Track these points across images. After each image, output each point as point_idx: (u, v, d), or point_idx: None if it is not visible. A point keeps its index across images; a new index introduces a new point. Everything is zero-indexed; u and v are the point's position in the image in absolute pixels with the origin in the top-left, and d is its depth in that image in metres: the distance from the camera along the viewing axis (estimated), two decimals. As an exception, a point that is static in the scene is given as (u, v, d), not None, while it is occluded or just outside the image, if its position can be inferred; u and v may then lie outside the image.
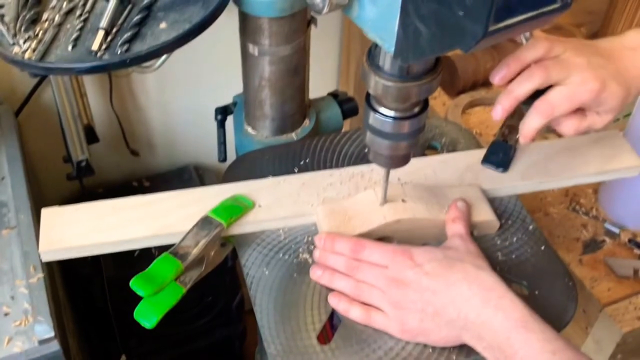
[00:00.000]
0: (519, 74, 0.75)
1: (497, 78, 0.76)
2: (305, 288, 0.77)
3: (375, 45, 0.65)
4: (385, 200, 0.80)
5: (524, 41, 0.78)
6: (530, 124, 0.75)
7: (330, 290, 0.77)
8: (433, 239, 0.81)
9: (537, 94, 0.97)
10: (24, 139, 1.19)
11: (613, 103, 0.75)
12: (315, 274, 0.78)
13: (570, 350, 0.64)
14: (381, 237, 0.80)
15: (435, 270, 0.72)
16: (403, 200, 0.80)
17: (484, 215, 0.82)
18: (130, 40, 0.75)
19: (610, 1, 1.39)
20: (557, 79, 0.74)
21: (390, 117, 0.69)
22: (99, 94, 1.33)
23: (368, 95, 0.70)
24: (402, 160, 0.75)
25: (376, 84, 0.66)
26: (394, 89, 0.65)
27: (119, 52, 0.74)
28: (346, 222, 0.80)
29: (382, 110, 0.69)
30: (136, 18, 0.76)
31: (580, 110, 0.76)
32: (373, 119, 0.70)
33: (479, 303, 0.68)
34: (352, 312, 0.74)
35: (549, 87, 0.75)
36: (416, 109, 0.70)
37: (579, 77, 0.73)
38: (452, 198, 0.82)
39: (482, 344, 0.68)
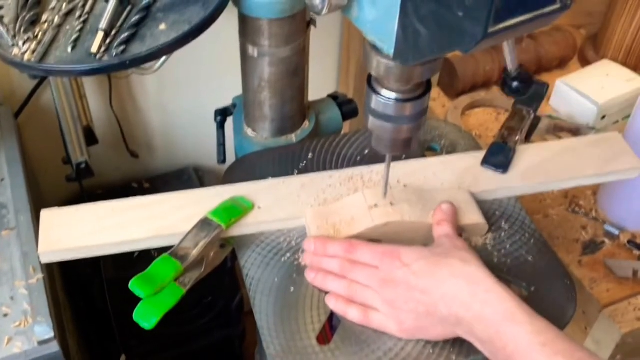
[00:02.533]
0: None
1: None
2: (304, 289, 0.77)
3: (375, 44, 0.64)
4: (387, 192, 0.80)
5: (506, 56, 0.74)
6: None
7: (328, 292, 0.77)
8: (421, 242, 0.81)
9: (532, 95, 0.97)
10: (24, 141, 1.19)
11: None
12: (309, 276, 0.78)
13: (561, 341, 0.63)
14: (370, 240, 0.80)
15: (423, 269, 0.72)
16: (391, 204, 0.80)
17: (473, 218, 0.82)
18: (127, 42, 0.75)
19: (610, 2, 1.39)
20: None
21: (393, 99, 0.68)
22: (99, 95, 1.33)
23: (370, 77, 0.69)
24: (404, 145, 0.74)
25: (378, 64, 0.64)
26: (397, 70, 0.64)
27: (114, 53, 0.74)
28: (334, 225, 0.80)
29: (384, 92, 0.68)
30: (134, 19, 0.76)
31: None
32: (375, 101, 0.69)
33: (466, 298, 0.68)
34: (350, 313, 0.74)
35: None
36: (419, 91, 0.69)
37: None
38: (440, 201, 0.82)
39: (476, 338, 0.68)
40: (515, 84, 0.91)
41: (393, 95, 0.68)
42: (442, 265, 0.72)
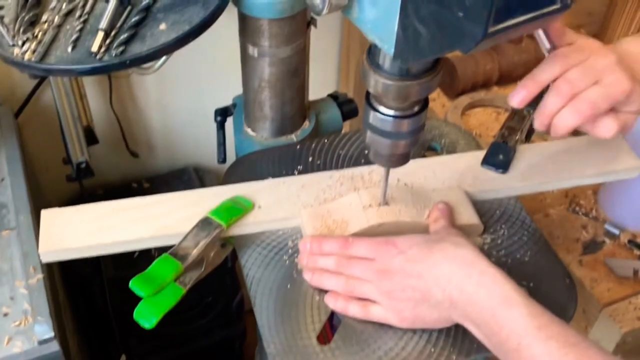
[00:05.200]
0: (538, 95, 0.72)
1: (515, 101, 0.72)
2: (304, 288, 0.77)
3: (376, 44, 0.65)
4: (385, 201, 0.80)
5: (545, 52, 0.74)
6: (567, 121, 0.71)
7: (327, 291, 0.77)
8: None
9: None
10: (24, 141, 1.19)
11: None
12: (307, 276, 0.78)
13: (556, 325, 0.64)
14: None
15: (417, 254, 0.72)
16: (386, 204, 0.80)
17: (467, 218, 0.82)
18: (126, 42, 0.75)
19: (610, 2, 1.40)
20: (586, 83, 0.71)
21: (390, 116, 0.69)
22: (99, 95, 1.33)
23: (368, 94, 0.70)
24: (402, 159, 0.75)
25: (376, 82, 0.65)
26: (394, 88, 0.65)
27: (114, 53, 0.74)
28: (329, 225, 0.81)
29: (382, 109, 0.69)
30: (134, 19, 0.76)
31: (611, 111, 0.73)
32: (373, 118, 0.70)
33: (460, 280, 0.69)
34: (350, 309, 0.75)
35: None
36: (416, 108, 0.69)
37: (611, 77, 0.71)
38: (435, 201, 0.82)
39: (470, 322, 0.68)
40: None
41: (391, 112, 0.69)
42: (435, 250, 0.72)
